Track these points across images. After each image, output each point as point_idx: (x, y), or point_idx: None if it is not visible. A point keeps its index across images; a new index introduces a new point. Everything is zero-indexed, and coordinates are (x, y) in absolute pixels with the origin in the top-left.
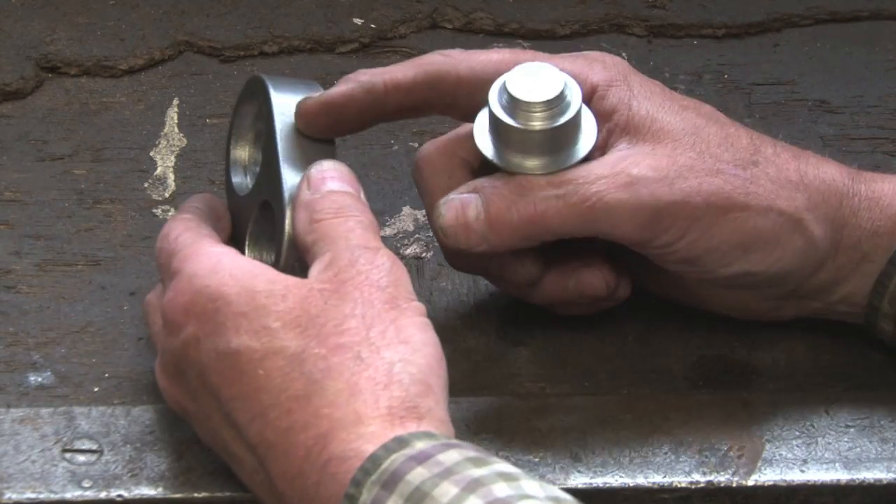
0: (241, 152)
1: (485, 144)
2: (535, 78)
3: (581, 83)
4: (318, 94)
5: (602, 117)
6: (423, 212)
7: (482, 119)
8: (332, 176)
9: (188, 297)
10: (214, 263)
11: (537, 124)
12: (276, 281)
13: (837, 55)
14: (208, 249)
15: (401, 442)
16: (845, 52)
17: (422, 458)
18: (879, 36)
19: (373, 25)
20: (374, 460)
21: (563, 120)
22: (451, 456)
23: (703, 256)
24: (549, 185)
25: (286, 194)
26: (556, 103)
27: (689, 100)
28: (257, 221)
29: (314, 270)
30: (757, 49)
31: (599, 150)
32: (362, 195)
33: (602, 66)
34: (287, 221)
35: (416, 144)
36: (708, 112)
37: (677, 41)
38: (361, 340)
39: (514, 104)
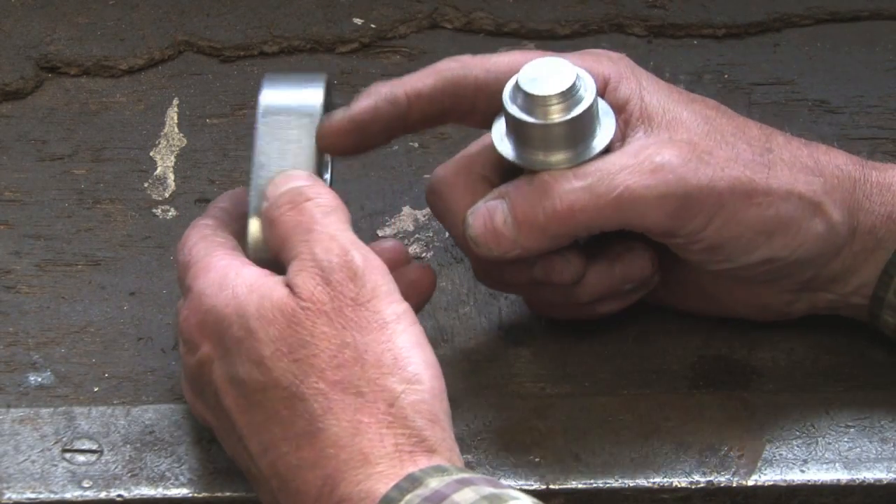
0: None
1: (506, 149)
2: (546, 73)
3: (592, 77)
4: (340, 112)
5: (616, 109)
6: (423, 212)
7: (499, 126)
8: (285, 179)
9: (200, 318)
10: (221, 279)
11: (556, 117)
12: (265, 298)
13: (837, 55)
14: (218, 263)
15: (414, 481)
16: (845, 52)
17: (437, 500)
18: (879, 36)
19: (373, 25)
20: (388, 502)
21: (580, 110)
22: (467, 496)
23: (727, 244)
24: (573, 178)
25: (252, 203)
26: (572, 94)
27: (694, 94)
28: None
29: (293, 279)
30: (757, 49)
31: (618, 142)
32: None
33: (609, 60)
34: (249, 230)
35: (415, 144)
36: (715, 105)
37: (677, 41)
38: (359, 372)
39: (529, 101)
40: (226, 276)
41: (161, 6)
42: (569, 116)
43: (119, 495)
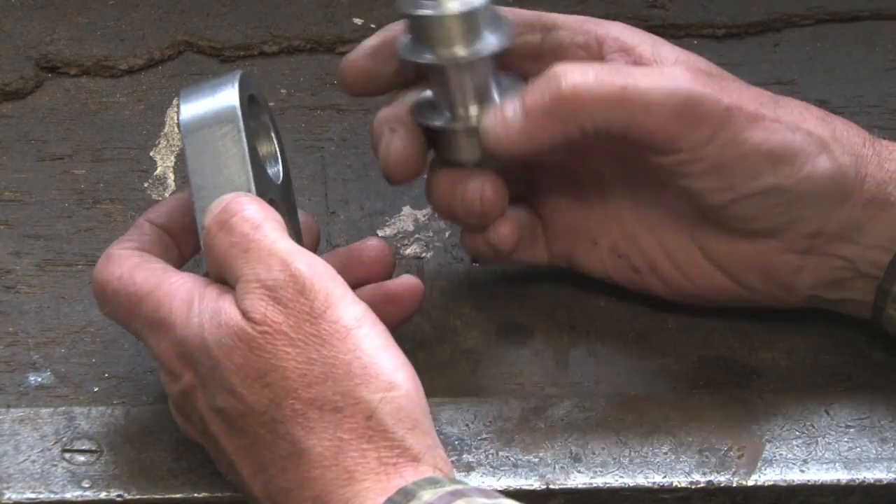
0: (263, 148)
1: (409, 52)
2: None
3: (595, 25)
4: (354, 50)
5: (619, 50)
6: (423, 212)
7: (402, 38)
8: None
9: (177, 349)
10: (188, 307)
11: (452, 5)
12: (222, 326)
13: (837, 55)
14: (180, 288)
15: (406, 494)
16: (845, 52)
17: None
18: (879, 36)
19: (373, 25)
20: None
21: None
22: None
23: (731, 165)
24: (583, 67)
25: (200, 226)
26: None
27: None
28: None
29: (242, 304)
30: (757, 49)
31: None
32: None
33: (620, 23)
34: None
35: None
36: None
37: (677, 41)
38: (332, 387)
39: None
40: (192, 302)
41: (161, 6)
42: (467, 6)
43: (119, 495)
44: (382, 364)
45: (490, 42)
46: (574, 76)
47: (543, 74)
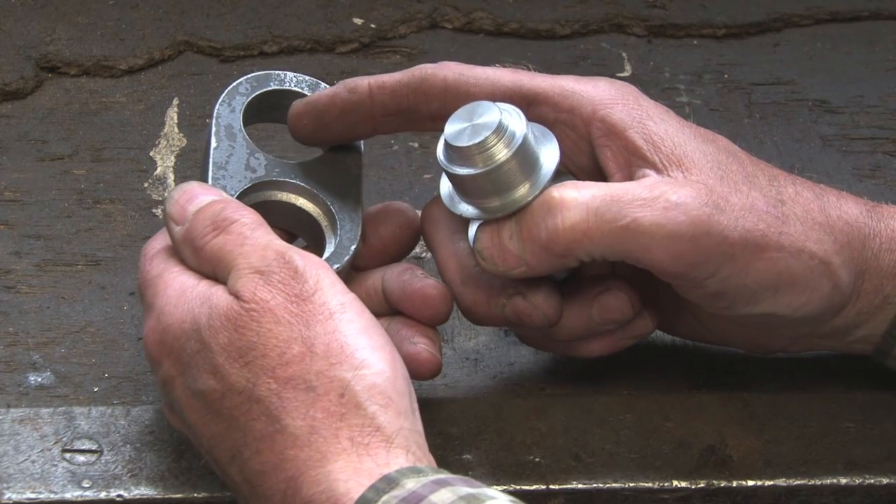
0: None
1: (460, 207)
2: (471, 119)
3: (580, 100)
4: (301, 99)
5: (608, 134)
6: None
7: (445, 184)
8: (187, 198)
9: (159, 336)
10: (179, 296)
11: (490, 162)
12: (213, 308)
13: (837, 55)
14: (175, 280)
15: (390, 482)
16: (845, 52)
17: (414, 501)
18: (879, 36)
19: (373, 25)
20: (364, 503)
21: (509, 153)
22: (444, 496)
23: (731, 293)
24: (581, 199)
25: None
26: (499, 137)
27: (704, 131)
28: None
29: (234, 287)
30: (757, 49)
31: (621, 172)
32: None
33: (608, 84)
34: None
35: (415, 144)
36: (725, 145)
37: (677, 41)
38: (309, 366)
39: (456, 153)
40: (183, 292)
41: (161, 6)
42: (499, 161)
43: (119, 495)
44: (359, 345)
45: (541, 175)
46: (571, 215)
47: (540, 200)
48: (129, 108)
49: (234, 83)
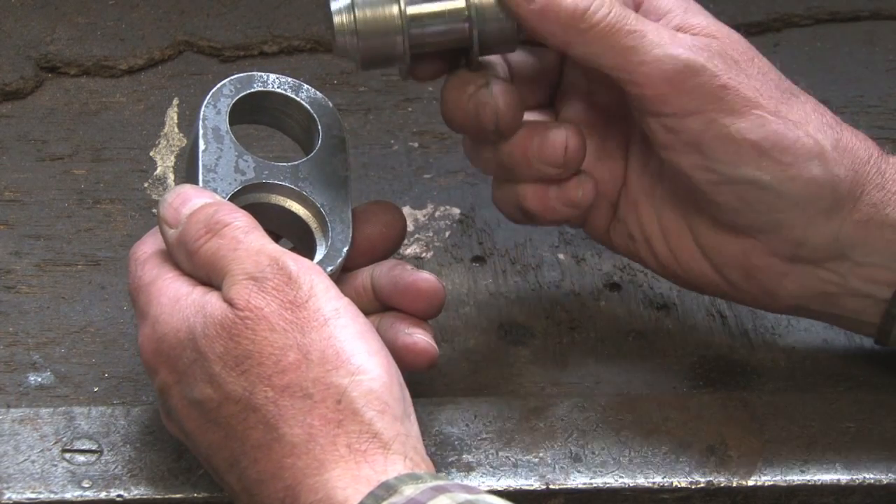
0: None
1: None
2: None
3: None
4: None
5: None
6: (423, 212)
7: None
8: (180, 201)
9: (155, 345)
10: (172, 304)
11: None
12: (208, 317)
13: (837, 55)
14: (169, 286)
15: (388, 489)
16: (845, 52)
17: None
18: (879, 36)
19: None
20: None
21: None
22: (442, 503)
23: (714, 144)
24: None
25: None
26: None
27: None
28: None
29: (228, 294)
30: (757, 49)
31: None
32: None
33: None
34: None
35: (415, 144)
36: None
37: None
38: (305, 373)
39: None
40: (177, 300)
41: (161, 6)
42: None
43: (119, 495)
44: (355, 350)
45: None
46: (590, 4)
47: None
48: (129, 108)
49: (218, 85)
